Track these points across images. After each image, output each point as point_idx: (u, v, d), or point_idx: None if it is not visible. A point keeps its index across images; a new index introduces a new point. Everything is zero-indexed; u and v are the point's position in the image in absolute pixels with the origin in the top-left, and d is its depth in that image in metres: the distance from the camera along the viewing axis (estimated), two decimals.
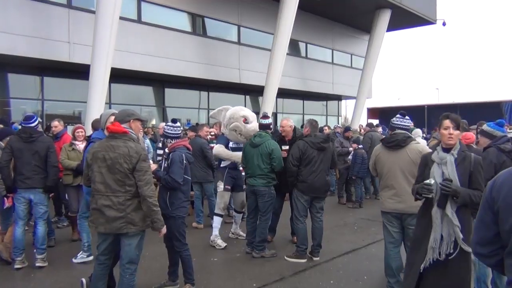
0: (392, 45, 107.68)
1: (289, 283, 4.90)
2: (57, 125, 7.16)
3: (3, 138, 5.84)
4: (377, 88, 42.73)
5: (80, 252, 5.60)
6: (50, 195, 5.49)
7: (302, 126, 10.18)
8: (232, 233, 6.91)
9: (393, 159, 4.32)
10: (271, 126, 6.22)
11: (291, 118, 6.73)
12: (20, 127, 6.20)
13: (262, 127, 6.04)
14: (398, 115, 4.48)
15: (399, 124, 4.42)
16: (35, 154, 5.29)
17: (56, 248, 6.17)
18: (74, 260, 5.56)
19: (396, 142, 4.30)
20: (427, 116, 22.23)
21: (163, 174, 4.46)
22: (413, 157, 4.20)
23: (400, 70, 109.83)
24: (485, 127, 4.62)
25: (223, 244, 6.24)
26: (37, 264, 5.29)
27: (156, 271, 5.13)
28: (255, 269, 5.36)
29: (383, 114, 24.69)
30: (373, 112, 25.63)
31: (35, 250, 5.44)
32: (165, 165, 4.53)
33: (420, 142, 5.37)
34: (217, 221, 6.43)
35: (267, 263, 5.57)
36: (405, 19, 21.07)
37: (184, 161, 4.48)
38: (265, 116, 6.17)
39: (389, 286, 4.40)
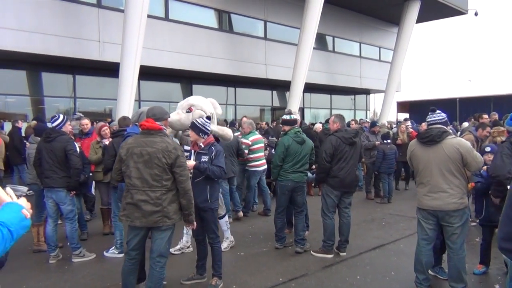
0: (422, 37, 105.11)
1: (315, 278, 4.91)
2: (87, 123, 7.41)
3: (41, 135, 6.05)
4: (407, 81, 42.00)
5: (112, 247, 5.78)
6: (71, 193, 5.56)
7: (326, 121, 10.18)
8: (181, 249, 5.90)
9: (428, 155, 4.18)
10: (297, 121, 6.20)
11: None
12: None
13: (290, 123, 5.99)
14: (429, 113, 4.38)
15: (432, 120, 4.31)
16: (52, 153, 5.37)
17: (89, 241, 6.37)
18: (106, 254, 5.74)
19: (431, 138, 4.16)
20: (459, 109, 21.69)
21: (209, 165, 4.40)
22: (450, 152, 4.05)
23: (430, 62, 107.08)
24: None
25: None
26: (73, 260, 5.53)
27: (184, 265, 5.23)
28: (281, 263, 5.38)
29: (413, 108, 24.22)
30: (403, 106, 25.16)
31: (68, 244, 5.66)
32: (204, 159, 4.44)
33: None
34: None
35: (293, 258, 5.59)
36: (435, 10, 20.59)
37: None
38: (290, 113, 6.16)
39: (418, 282, 4.36)
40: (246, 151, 7.75)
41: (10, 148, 9.12)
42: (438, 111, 4.33)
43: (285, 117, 6.08)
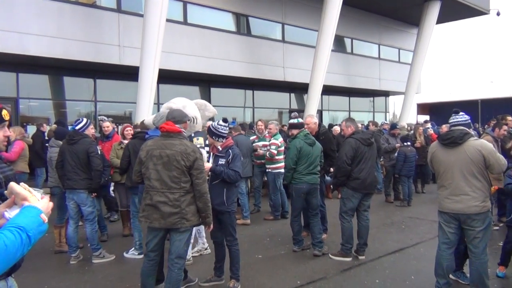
0: (443, 38, 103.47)
1: (333, 282, 4.87)
2: (108, 126, 7.50)
3: (61, 138, 6.17)
4: (427, 83, 41.34)
5: (132, 249, 5.85)
6: (93, 195, 5.67)
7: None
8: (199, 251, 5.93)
9: (450, 157, 4.10)
10: (304, 124, 6.15)
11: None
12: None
13: (298, 126, 5.95)
14: (452, 114, 4.32)
15: (455, 121, 4.25)
16: (74, 155, 5.48)
17: (109, 243, 6.46)
18: (126, 255, 5.81)
19: (452, 139, 4.08)
20: (481, 111, 21.33)
21: (225, 168, 4.45)
22: (472, 154, 3.97)
23: (451, 63, 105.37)
24: None
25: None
26: (93, 261, 5.63)
27: (201, 267, 5.25)
28: (299, 266, 5.36)
29: (434, 110, 23.95)
30: (423, 108, 24.91)
31: (89, 245, 5.75)
32: (221, 162, 4.50)
33: None
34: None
35: (311, 261, 5.56)
36: (455, 11, 20.23)
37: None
38: (296, 117, 6.11)
39: (438, 287, 4.27)
40: (275, 151, 7.80)
41: (31, 151, 9.31)
42: (461, 113, 4.27)
43: (292, 121, 6.05)
